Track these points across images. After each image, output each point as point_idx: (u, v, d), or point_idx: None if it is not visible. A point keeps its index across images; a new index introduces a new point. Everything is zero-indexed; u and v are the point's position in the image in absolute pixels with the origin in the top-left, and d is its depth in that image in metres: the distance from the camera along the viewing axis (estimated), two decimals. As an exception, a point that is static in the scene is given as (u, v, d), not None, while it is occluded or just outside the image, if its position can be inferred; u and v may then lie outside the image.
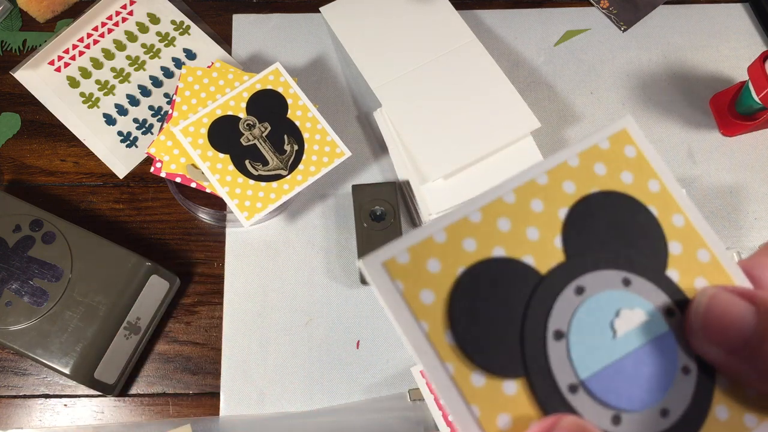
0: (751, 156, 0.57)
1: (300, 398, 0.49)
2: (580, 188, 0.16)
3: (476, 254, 0.15)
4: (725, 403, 0.15)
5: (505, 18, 0.61)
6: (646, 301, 0.15)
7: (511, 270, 0.15)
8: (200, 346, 0.50)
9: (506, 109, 0.52)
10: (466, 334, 0.14)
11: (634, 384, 0.14)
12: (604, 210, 0.16)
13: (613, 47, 0.61)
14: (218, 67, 0.54)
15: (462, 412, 0.14)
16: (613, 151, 0.17)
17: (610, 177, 0.16)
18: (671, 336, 0.15)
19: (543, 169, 0.16)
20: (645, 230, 0.16)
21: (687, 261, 0.16)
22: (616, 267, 0.15)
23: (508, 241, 0.15)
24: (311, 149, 0.51)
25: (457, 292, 0.14)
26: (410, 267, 0.14)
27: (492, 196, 0.15)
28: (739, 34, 0.61)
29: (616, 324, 0.15)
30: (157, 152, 0.51)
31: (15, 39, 0.59)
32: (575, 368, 0.14)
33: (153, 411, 0.48)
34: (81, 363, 0.44)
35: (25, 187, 0.54)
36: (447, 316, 0.14)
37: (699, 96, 0.59)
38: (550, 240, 0.15)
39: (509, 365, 0.14)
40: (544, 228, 0.16)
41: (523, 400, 0.14)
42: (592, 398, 0.14)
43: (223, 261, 0.52)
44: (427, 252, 0.14)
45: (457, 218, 0.15)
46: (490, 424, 0.14)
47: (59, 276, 0.46)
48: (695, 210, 0.17)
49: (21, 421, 0.48)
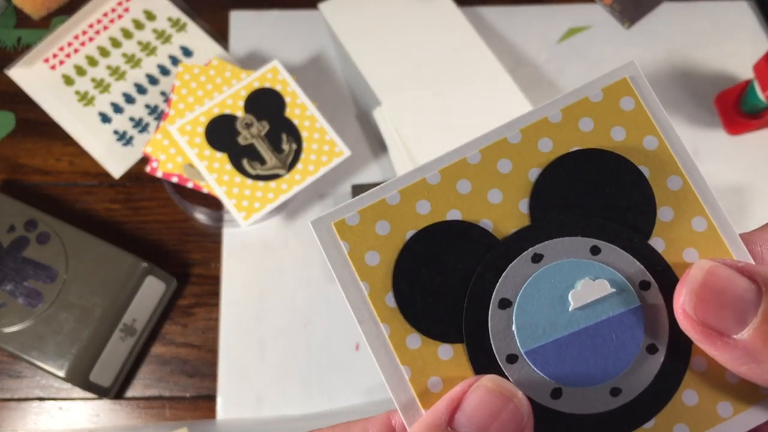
0: (757, 155, 0.56)
1: (298, 401, 0.48)
2: (559, 147, 0.15)
3: (429, 217, 0.14)
4: (697, 388, 0.13)
5: (507, 15, 0.61)
6: (614, 272, 0.14)
7: (464, 234, 0.14)
8: (197, 349, 0.50)
9: (508, 108, 0.51)
10: (407, 296, 0.14)
11: (583, 360, 0.14)
12: (583, 170, 0.14)
13: (617, 45, 0.60)
14: (215, 65, 0.53)
15: (392, 372, 0.14)
16: (606, 104, 0.15)
17: (596, 133, 0.15)
18: (638, 311, 0.14)
19: (517, 126, 0.15)
20: (630, 193, 0.14)
21: (677, 229, 0.14)
22: (585, 234, 0.14)
23: (466, 203, 0.15)
24: (310, 148, 0.50)
25: (403, 255, 0.14)
26: (359, 228, 0.14)
27: (455, 156, 0.15)
28: (744, 32, 0.61)
29: (571, 296, 0.14)
30: (153, 151, 0.50)
31: (9, 36, 0.58)
32: (516, 339, 0.14)
33: (149, 414, 0.48)
34: (76, 365, 0.44)
35: (20, 186, 0.53)
36: (391, 278, 0.14)
37: (703, 94, 0.58)
38: (515, 203, 0.15)
39: (447, 330, 0.14)
40: (509, 190, 0.15)
41: (458, 365, 0.14)
42: (531, 369, 0.14)
43: (221, 262, 0.52)
44: (377, 214, 0.14)
45: (413, 180, 0.15)
46: (420, 386, 0.14)
47: (54, 277, 0.45)
48: (698, 172, 0.15)
49: (16, 425, 0.47)
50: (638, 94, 0.15)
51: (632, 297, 0.14)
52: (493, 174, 0.15)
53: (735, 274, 0.13)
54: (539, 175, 0.15)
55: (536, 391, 0.14)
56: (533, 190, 0.15)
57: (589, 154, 0.15)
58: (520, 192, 0.15)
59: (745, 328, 0.12)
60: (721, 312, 0.12)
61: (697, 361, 0.14)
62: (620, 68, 0.15)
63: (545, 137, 0.15)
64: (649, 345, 0.14)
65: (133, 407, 0.48)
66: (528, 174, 0.15)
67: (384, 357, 0.14)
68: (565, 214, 0.14)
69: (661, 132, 0.15)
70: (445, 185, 0.15)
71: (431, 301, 0.14)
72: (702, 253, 0.14)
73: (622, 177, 0.14)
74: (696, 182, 0.15)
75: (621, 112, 0.15)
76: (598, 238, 0.14)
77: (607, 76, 0.15)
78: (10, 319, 0.44)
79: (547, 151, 0.15)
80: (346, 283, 0.15)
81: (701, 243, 0.14)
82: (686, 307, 0.13)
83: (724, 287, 0.12)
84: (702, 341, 0.13)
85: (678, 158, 0.15)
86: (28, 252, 0.46)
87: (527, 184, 0.15)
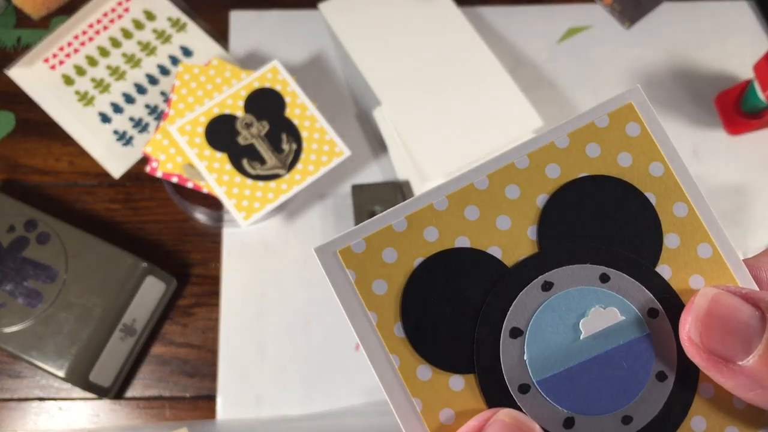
0: (757, 155, 0.56)
1: (298, 401, 0.48)
2: (566, 172, 0.15)
3: (437, 244, 0.14)
4: (705, 414, 0.14)
5: (507, 15, 0.61)
6: (624, 300, 0.14)
7: (473, 261, 0.14)
8: (197, 349, 0.49)
9: (508, 107, 0.51)
10: (416, 326, 0.14)
11: (595, 388, 0.14)
12: (590, 197, 0.15)
13: (617, 44, 0.60)
14: (215, 65, 0.53)
15: (403, 404, 0.13)
16: (612, 129, 0.15)
17: (603, 159, 0.15)
18: (648, 339, 0.14)
19: (524, 151, 0.15)
20: (637, 220, 0.15)
21: (683, 256, 0.14)
22: (594, 261, 0.14)
23: (475, 230, 0.14)
24: (310, 148, 0.50)
25: (412, 284, 0.14)
26: (365, 256, 0.14)
27: (462, 182, 0.15)
28: (744, 32, 0.61)
29: (582, 324, 0.14)
30: (153, 151, 0.50)
31: (9, 36, 0.58)
32: (528, 369, 0.14)
33: (149, 414, 0.48)
34: (76, 365, 0.43)
35: (19, 186, 0.53)
36: (399, 307, 0.14)
37: (704, 94, 0.58)
38: (523, 230, 0.15)
39: (458, 361, 0.14)
40: (517, 217, 0.15)
41: (470, 396, 0.14)
42: (543, 399, 0.14)
43: (220, 262, 0.51)
44: (384, 241, 0.14)
45: (420, 206, 0.15)
46: (432, 418, 0.13)
47: (54, 277, 0.45)
48: (703, 199, 0.15)
49: (15, 425, 0.47)
50: (644, 119, 0.15)
51: (641, 325, 0.14)
52: (501, 200, 0.15)
53: (739, 302, 0.13)
54: (547, 202, 0.15)
55: (549, 422, 0.14)
56: (541, 216, 0.14)
57: (596, 180, 0.15)
58: (529, 218, 0.15)
59: (750, 355, 0.12)
60: (726, 339, 0.12)
61: (705, 388, 0.14)
62: (625, 93, 0.16)
63: (553, 163, 0.15)
64: (659, 372, 0.14)
65: (133, 407, 0.48)
66: (536, 200, 0.15)
67: (393, 388, 0.14)
68: (574, 241, 0.14)
69: (666, 158, 0.15)
70: (453, 211, 0.14)
71: (441, 331, 0.14)
72: (707, 279, 0.14)
73: (629, 204, 0.15)
74: (701, 209, 0.15)
75: (627, 138, 0.15)
76: (607, 265, 0.14)
77: (612, 101, 0.15)
78: (10, 319, 0.44)
79: (555, 177, 0.15)
80: (354, 313, 0.14)
81: (707, 269, 0.14)
82: (692, 334, 0.13)
83: (728, 315, 0.13)
84: (708, 368, 0.13)
85: (683, 184, 0.15)
86: (28, 252, 0.46)
87: (535, 210, 0.15)
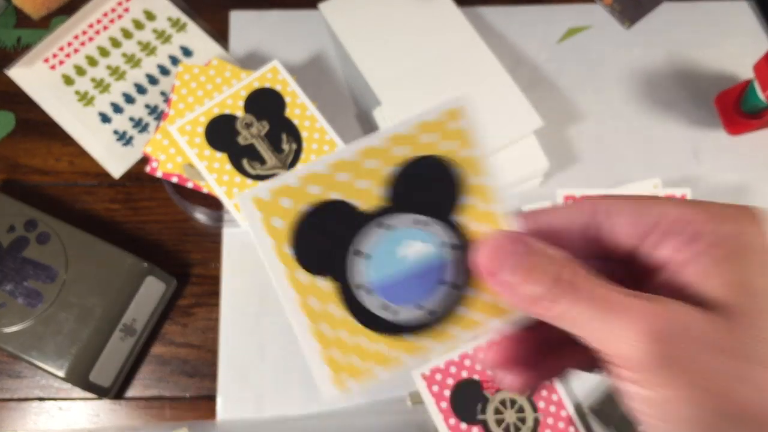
0: (757, 155, 0.56)
1: (298, 401, 0.48)
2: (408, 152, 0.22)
3: (318, 196, 0.22)
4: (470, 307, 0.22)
5: (507, 15, 0.61)
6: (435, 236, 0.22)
7: (340, 208, 0.22)
8: (197, 349, 0.49)
9: (508, 108, 0.51)
10: (299, 247, 0.21)
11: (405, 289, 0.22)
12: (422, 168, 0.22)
13: (617, 44, 0.60)
14: (215, 65, 0.53)
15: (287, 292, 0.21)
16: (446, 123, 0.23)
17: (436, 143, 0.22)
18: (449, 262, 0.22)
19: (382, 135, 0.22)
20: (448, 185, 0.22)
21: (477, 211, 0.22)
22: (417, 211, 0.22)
23: (344, 188, 0.22)
24: (310, 148, 0.50)
25: (298, 221, 0.21)
26: (269, 202, 0.21)
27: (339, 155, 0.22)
28: (744, 32, 0.61)
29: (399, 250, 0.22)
30: (153, 151, 0.50)
31: (9, 36, 0.58)
32: (363, 274, 0.22)
33: (149, 414, 0.48)
34: (76, 365, 0.43)
35: (19, 186, 0.53)
36: (290, 236, 0.21)
37: (704, 94, 0.58)
38: (375, 189, 0.22)
39: (324, 269, 0.22)
40: (372, 180, 0.22)
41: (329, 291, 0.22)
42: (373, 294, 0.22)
43: (221, 262, 0.51)
44: (282, 193, 0.21)
45: (307, 171, 0.21)
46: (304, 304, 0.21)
47: (54, 277, 0.45)
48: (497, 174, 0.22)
49: (16, 425, 0.47)
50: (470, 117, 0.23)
51: (446, 253, 0.22)
52: (362, 169, 0.22)
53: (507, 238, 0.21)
54: (392, 171, 0.22)
55: (373, 306, 0.22)
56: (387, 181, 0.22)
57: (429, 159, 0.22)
58: (380, 182, 0.22)
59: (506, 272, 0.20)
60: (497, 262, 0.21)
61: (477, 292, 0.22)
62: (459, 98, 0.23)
63: (401, 145, 0.22)
64: (452, 282, 0.22)
65: (133, 407, 0.48)
66: (385, 170, 0.22)
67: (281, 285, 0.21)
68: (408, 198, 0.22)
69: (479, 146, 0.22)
70: (330, 175, 0.22)
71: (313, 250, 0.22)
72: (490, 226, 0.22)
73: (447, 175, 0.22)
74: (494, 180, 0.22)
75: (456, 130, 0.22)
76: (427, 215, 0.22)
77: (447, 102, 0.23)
78: (10, 319, 0.44)
79: (401, 155, 0.22)
80: (259, 239, 0.21)
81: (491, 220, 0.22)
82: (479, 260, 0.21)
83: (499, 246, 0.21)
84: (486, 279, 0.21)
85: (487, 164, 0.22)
86: (28, 252, 0.46)
87: (384, 176, 0.22)
